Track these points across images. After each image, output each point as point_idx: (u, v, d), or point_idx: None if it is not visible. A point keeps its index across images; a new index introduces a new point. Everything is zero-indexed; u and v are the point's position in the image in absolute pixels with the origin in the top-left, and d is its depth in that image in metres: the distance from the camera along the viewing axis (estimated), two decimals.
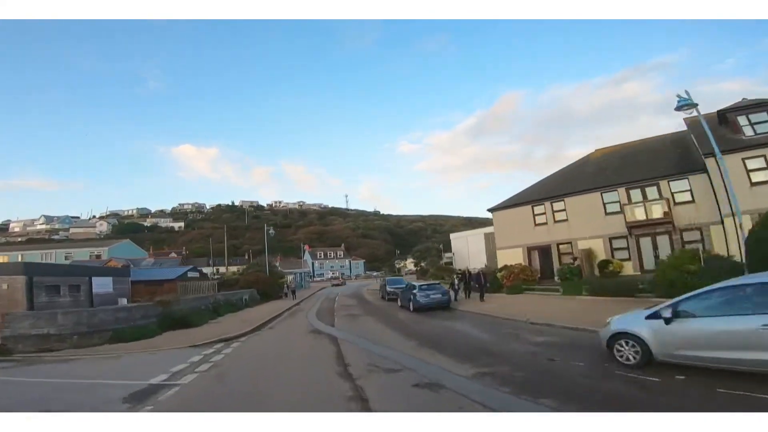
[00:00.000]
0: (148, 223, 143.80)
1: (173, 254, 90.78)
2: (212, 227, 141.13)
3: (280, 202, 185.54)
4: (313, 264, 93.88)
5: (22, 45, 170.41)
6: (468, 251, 52.06)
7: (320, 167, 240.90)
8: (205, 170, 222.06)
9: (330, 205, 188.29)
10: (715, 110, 18.11)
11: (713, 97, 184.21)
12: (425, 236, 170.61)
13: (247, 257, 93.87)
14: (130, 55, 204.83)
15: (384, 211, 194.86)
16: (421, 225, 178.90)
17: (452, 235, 50.89)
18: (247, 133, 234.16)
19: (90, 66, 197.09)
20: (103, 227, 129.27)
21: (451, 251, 51.46)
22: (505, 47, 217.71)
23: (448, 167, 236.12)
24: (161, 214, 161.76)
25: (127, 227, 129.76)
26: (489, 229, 52.56)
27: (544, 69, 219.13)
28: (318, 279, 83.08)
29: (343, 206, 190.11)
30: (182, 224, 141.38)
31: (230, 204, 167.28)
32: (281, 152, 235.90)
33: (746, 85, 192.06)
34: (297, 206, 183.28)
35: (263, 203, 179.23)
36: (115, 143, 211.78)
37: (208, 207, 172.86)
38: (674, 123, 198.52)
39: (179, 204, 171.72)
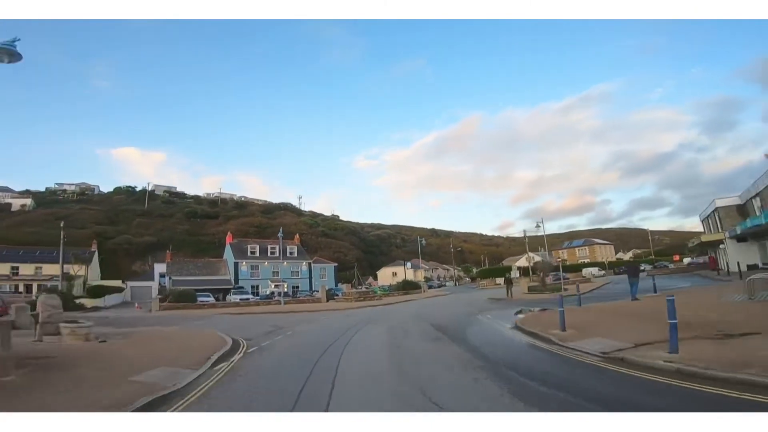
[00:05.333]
0: None
1: None
2: (82, 208, 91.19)
3: (210, 194, 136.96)
4: (237, 266, 49.28)
5: None
6: None
7: (276, 179, 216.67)
8: (149, 175, 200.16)
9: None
10: None
11: (645, 125, 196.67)
12: (395, 244, 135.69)
13: (94, 249, 48.36)
14: (77, 52, 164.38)
15: (343, 218, 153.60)
16: (389, 232, 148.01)
17: None
18: (199, 140, 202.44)
19: (32, 60, 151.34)
20: None
21: None
22: (468, 70, 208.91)
23: (403, 184, 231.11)
24: (26, 194, 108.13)
25: None
26: None
27: (499, 93, 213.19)
28: (242, 298, 37.73)
29: (296, 205, 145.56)
30: (28, 202, 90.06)
31: (129, 187, 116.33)
32: (235, 162, 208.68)
33: (672, 114, 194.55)
34: (234, 198, 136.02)
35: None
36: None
37: (101, 189, 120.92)
38: (606, 150, 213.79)
39: (56, 184, 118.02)
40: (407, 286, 42.84)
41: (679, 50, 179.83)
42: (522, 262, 76.29)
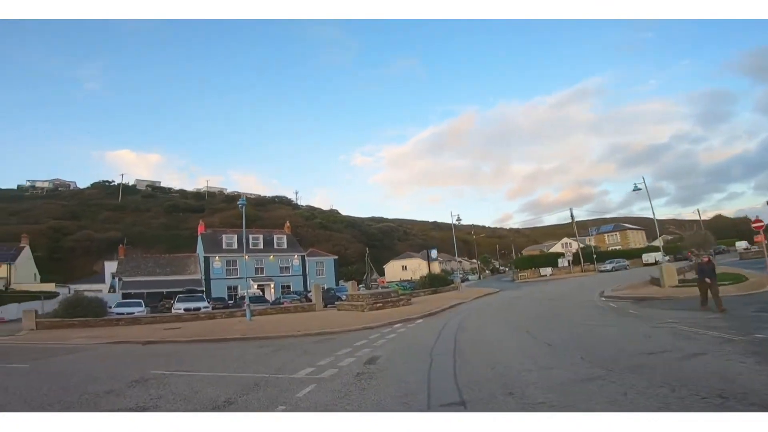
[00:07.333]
0: None
1: None
2: (47, 203, 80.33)
3: (199, 189, 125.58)
4: (208, 262, 38.41)
5: None
6: None
7: (273, 177, 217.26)
8: (145, 177, 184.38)
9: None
10: None
11: (638, 117, 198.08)
12: (398, 237, 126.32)
13: (24, 245, 37.93)
14: (68, 55, 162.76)
15: (343, 213, 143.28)
16: (391, 225, 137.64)
17: None
18: (195, 141, 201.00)
19: (23, 63, 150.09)
20: None
21: None
22: (460, 67, 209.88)
23: (401, 180, 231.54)
24: None
25: None
26: None
27: (494, 87, 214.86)
28: (186, 308, 22.83)
29: (293, 199, 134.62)
30: None
31: (106, 181, 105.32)
32: (232, 162, 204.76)
33: (665, 106, 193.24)
34: (225, 192, 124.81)
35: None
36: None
37: (77, 185, 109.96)
38: (602, 143, 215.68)
39: (28, 181, 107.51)
40: (435, 282, 31.75)
41: (666, 46, 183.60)
42: (558, 248, 65.66)
